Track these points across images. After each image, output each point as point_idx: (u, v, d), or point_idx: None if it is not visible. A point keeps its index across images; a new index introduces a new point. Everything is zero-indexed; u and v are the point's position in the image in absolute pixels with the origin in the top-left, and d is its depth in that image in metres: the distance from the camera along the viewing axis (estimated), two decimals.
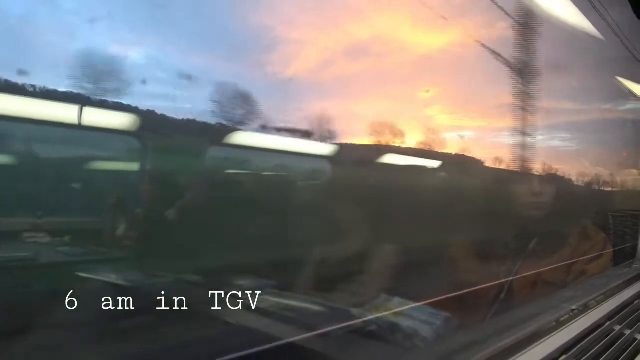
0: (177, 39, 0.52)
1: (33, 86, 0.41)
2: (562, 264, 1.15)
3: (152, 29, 0.50)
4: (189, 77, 0.53)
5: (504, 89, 1.03)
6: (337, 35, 0.69)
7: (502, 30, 0.98)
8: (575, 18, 1.17)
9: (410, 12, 0.79)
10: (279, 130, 0.62)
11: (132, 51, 0.49)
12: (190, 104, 0.53)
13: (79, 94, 0.44)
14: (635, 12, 1.30)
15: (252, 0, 0.60)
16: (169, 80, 0.51)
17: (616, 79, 1.51)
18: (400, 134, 0.79)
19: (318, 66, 0.69)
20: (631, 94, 1.57)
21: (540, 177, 1.18)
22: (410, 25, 0.79)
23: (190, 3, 0.54)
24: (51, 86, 0.42)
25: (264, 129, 0.60)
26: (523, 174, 1.14)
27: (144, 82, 0.49)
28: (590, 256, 1.19)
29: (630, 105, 1.61)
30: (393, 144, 0.79)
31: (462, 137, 0.94)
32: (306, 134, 0.65)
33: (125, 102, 0.48)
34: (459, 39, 0.88)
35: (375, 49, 0.75)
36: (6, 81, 0.39)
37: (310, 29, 0.66)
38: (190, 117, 0.54)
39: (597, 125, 1.47)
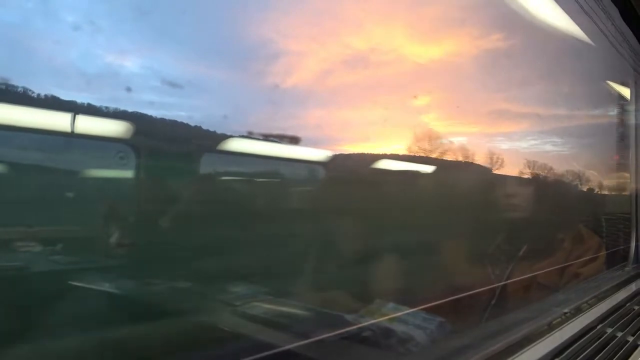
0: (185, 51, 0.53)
1: (21, 92, 0.41)
2: (557, 267, 1.16)
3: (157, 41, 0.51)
4: (197, 86, 0.54)
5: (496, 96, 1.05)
6: (337, 46, 0.71)
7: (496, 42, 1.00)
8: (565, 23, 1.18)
9: (407, 24, 0.81)
10: (281, 138, 0.63)
11: (129, 60, 0.49)
12: (195, 112, 0.55)
13: (67, 101, 0.44)
14: (623, 17, 1.32)
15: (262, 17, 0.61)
16: (173, 89, 0.52)
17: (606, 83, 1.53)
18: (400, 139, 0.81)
19: (318, 76, 0.70)
20: (621, 98, 1.59)
21: (535, 181, 1.19)
22: (407, 36, 0.81)
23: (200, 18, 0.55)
24: (39, 93, 0.42)
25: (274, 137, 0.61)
26: (518, 178, 1.15)
27: (143, 89, 0.50)
28: (584, 259, 1.20)
29: (619, 110, 1.63)
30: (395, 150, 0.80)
31: (454, 142, 0.95)
32: (308, 141, 0.66)
33: (128, 110, 0.49)
34: (455, 50, 0.90)
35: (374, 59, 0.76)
36: None
37: (310, 40, 0.67)
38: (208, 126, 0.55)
39: (587, 129, 1.49)
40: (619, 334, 0.92)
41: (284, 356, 0.55)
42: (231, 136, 0.58)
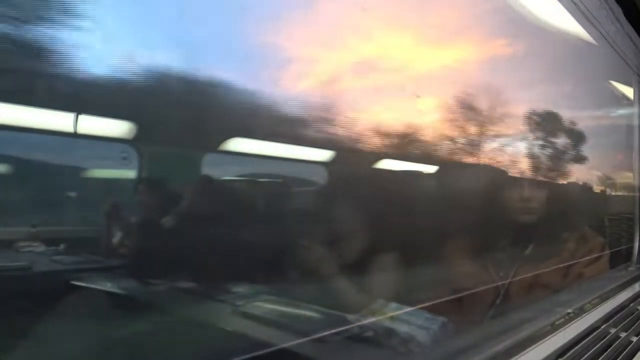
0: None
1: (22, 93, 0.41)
2: (560, 266, 1.16)
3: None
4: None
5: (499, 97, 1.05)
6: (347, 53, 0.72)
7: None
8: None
9: (414, 31, 0.82)
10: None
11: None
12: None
13: (71, 101, 0.45)
14: (626, 15, 1.32)
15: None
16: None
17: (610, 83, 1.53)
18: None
19: (328, 81, 0.71)
20: (625, 98, 1.59)
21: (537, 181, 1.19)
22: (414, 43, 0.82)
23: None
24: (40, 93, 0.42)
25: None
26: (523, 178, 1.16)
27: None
28: (587, 259, 1.20)
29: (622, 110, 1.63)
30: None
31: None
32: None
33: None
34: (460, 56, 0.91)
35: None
36: None
37: (322, 47, 0.69)
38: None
39: (589, 129, 1.48)
40: (623, 334, 0.92)
41: None
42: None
